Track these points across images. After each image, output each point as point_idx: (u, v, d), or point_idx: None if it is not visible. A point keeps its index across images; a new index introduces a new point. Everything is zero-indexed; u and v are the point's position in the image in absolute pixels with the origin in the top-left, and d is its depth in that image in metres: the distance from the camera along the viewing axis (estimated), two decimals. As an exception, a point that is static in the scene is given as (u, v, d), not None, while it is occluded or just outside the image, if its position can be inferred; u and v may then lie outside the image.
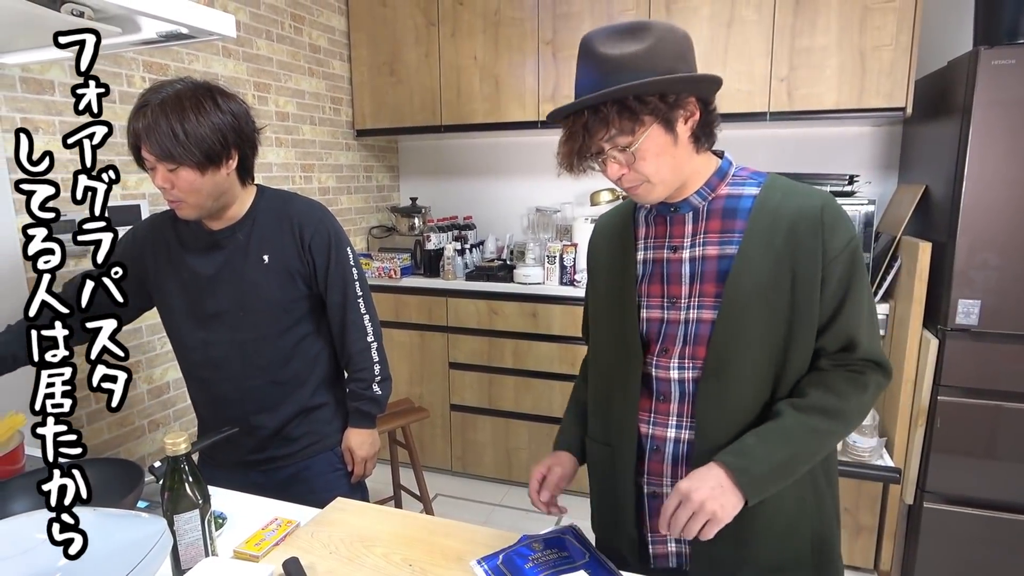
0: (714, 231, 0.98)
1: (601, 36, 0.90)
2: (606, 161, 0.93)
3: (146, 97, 1.20)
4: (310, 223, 1.37)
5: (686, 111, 0.91)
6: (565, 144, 0.93)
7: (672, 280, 1.00)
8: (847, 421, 0.95)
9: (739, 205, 0.97)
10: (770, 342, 0.94)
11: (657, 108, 0.88)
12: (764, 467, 0.90)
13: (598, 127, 0.89)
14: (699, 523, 0.88)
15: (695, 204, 1.00)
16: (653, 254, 1.04)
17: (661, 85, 0.87)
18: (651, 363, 1.02)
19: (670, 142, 0.91)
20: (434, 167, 3.57)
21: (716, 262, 0.97)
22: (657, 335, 1.01)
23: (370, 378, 1.44)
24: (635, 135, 0.89)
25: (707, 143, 0.97)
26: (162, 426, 2.18)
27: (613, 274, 1.08)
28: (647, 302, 1.03)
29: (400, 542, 1.08)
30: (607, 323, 1.09)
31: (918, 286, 2.10)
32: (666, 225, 1.02)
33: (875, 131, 2.75)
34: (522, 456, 2.98)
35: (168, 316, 1.42)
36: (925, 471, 2.14)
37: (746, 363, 0.95)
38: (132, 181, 2.01)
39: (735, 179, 1.00)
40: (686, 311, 0.99)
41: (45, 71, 1.75)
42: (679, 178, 0.96)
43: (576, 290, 2.75)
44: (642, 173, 0.92)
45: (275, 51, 2.64)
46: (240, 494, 1.25)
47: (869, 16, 2.33)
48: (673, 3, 2.58)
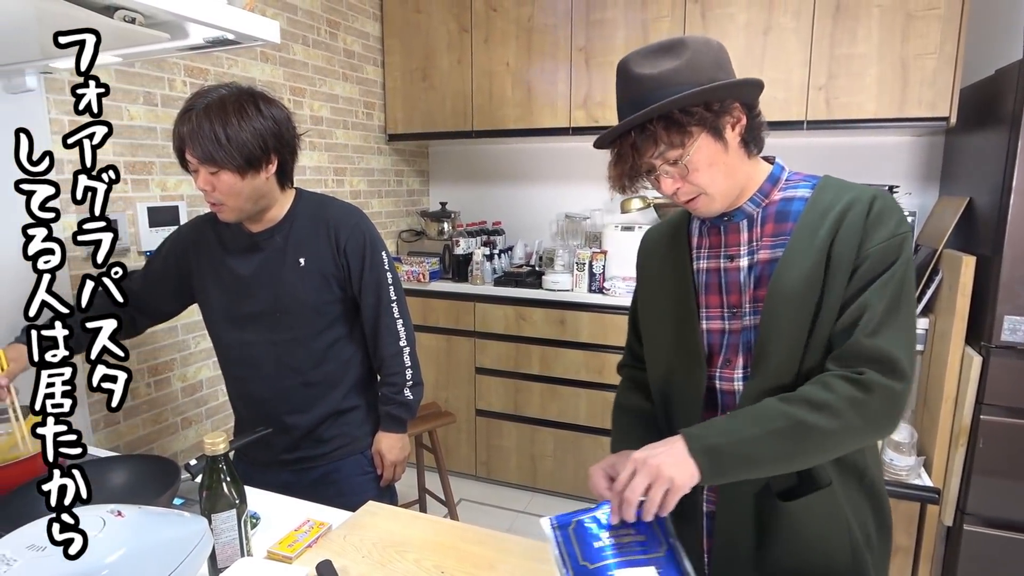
0: (768, 236, 0.96)
1: (637, 58, 0.91)
2: (659, 178, 0.93)
3: (192, 102, 1.23)
4: (346, 227, 1.38)
5: (732, 117, 0.91)
6: (615, 167, 0.93)
7: (731, 289, 0.99)
8: (838, 417, 0.84)
9: (791, 208, 0.96)
10: (799, 339, 0.91)
11: (703, 117, 0.87)
12: (721, 439, 0.85)
13: (647, 145, 0.89)
14: (659, 490, 0.83)
15: (749, 211, 0.98)
16: (709, 264, 1.02)
17: (704, 94, 0.87)
18: (715, 376, 0.99)
19: (720, 150, 0.91)
20: (464, 172, 3.58)
21: (769, 266, 0.95)
22: (720, 346, 0.99)
23: (402, 382, 1.45)
24: (685, 147, 0.89)
25: (756, 148, 0.97)
26: (195, 423, 2.21)
27: (668, 286, 1.06)
28: (706, 313, 1.01)
29: (432, 548, 1.07)
30: (664, 336, 1.06)
31: (961, 301, 2.04)
32: (720, 234, 1.01)
33: (916, 141, 2.69)
34: (547, 463, 2.96)
35: (208, 315, 1.45)
36: (966, 492, 2.07)
37: (778, 361, 0.92)
38: (171, 183, 2.05)
39: (788, 183, 0.99)
40: (744, 319, 0.97)
41: (92, 75, 1.80)
42: (735, 186, 0.95)
43: (605, 298, 2.74)
44: (697, 184, 0.92)
45: (311, 56, 2.68)
46: (272, 494, 1.26)
47: (912, 24, 2.28)
48: (708, 11, 2.56)
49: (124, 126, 1.89)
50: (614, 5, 2.71)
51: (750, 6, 2.49)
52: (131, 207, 1.93)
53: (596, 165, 3.26)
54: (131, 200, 1.93)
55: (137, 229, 1.94)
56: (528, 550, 1.06)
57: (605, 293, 2.77)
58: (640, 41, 2.68)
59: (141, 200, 1.96)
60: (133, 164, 1.93)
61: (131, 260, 1.92)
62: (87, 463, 1.22)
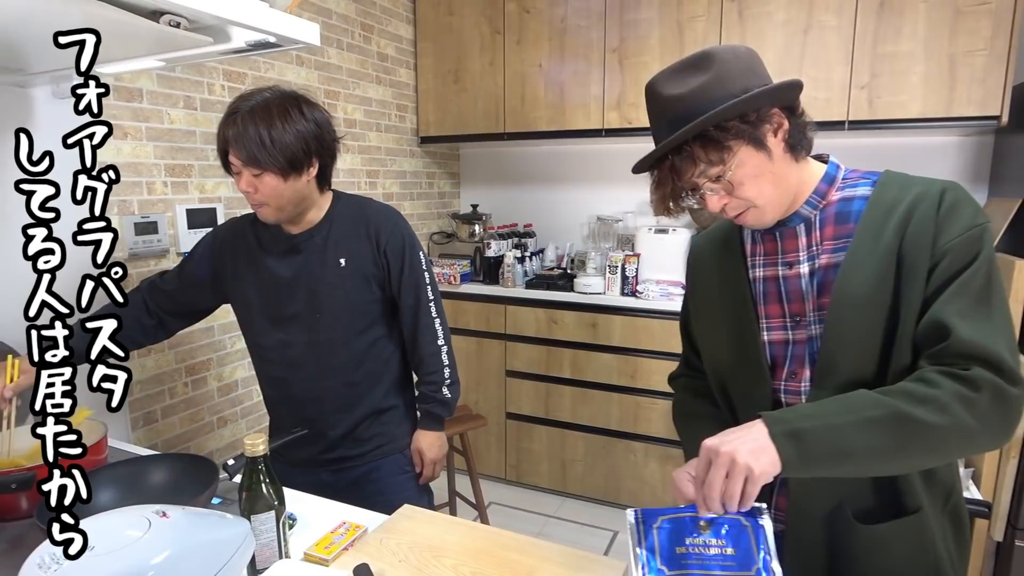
0: (829, 239, 0.92)
1: (664, 79, 0.88)
2: (704, 196, 0.89)
3: (236, 104, 1.25)
4: (386, 227, 1.38)
5: (772, 123, 0.86)
6: (656, 191, 0.90)
7: (792, 298, 0.94)
8: (945, 412, 0.75)
9: (851, 208, 0.91)
10: (871, 345, 0.85)
11: (740, 130, 0.84)
12: (808, 423, 0.77)
13: (686, 167, 0.86)
14: (738, 482, 0.75)
15: (805, 215, 0.93)
16: (766, 272, 0.97)
17: (737, 107, 0.83)
18: (780, 389, 0.95)
19: (764, 160, 0.87)
20: (495, 174, 3.58)
21: (832, 271, 0.90)
22: (784, 358, 0.94)
23: (440, 381, 1.45)
24: (726, 163, 0.85)
25: (804, 150, 0.92)
26: (230, 423, 2.24)
27: (724, 296, 1.02)
28: (767, 324, 0.96)
29: (469, 554, 1.06)
30: (724, 348, 1.02)
31: (1013, 307, 1.97)
32: (776, 240, 0.96)
33: (963, 141, 2.60)
34: (578, 468, 2.93)
35: (245, 317, 1.46)
36: (1017, 506, 1.99)
37: (848, 372, 0.86)
38: (209, 185, 2.08)
39: (846, 182, 0.94)
40: (809, 328, 0.92)
41: (135, 80, 1.83)
42: (786, 192, 0.91)
43: (638, 301, 2.70)
44: (744, 198, 0.88)
45: (345, 59, 2.70)
46: (308, 495, 1.26)
47: (961, 19, 2.21)
48: (746, 9, 2.51)
49: (164, 130, 1.93)
50: (648, 5, 2.67)
51: (789, 4, 2.43)
52: (170, 209, 1.96)
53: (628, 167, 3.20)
54: (170, 202, 1.96)
55: (176, 231, 1.97)
56: (567, 558, 1.04)
57: (638, 296, 2.73)
58: (675, 41, 2.64)
59: (180, 202, 1.99)
60: (173, 167, 1.96)
61: (170, 261, 1.96)
62: (129, 461, 1.24)
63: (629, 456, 2.80)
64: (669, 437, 2.71)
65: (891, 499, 0.89)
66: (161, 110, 1.92)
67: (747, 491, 0.76)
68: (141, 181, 1.87)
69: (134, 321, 1.44)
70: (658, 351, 2.67)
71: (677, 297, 2.66)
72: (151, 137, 1.89)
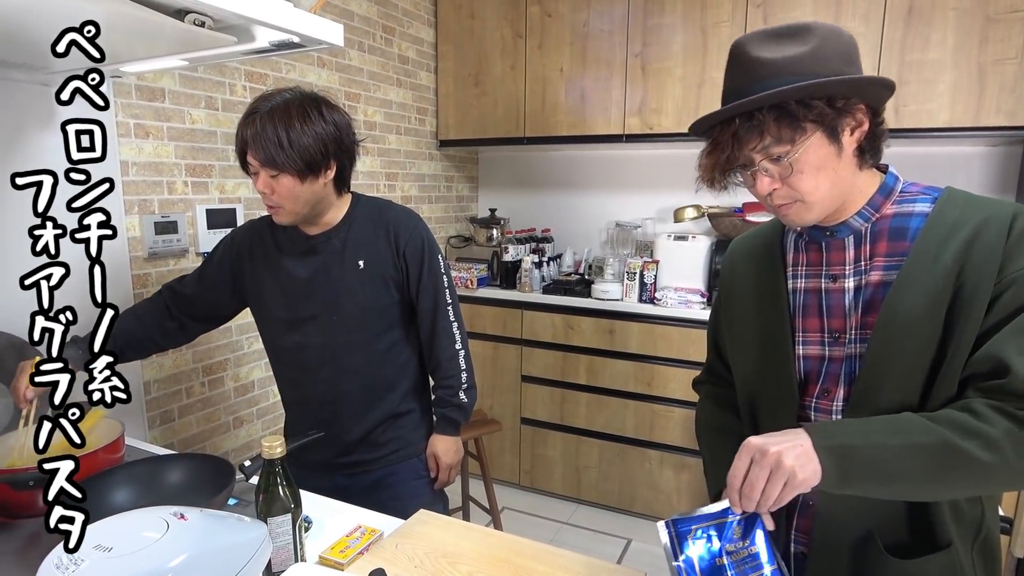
0: (880, 255, 0.86)
1: (756, 40, 0.82)
2: (756, 175, 0.83)
3: (256, 105, 1.24)
4: (405, 230, 1.38)
5: (854, 119, 0.81)
6: (708, 156, 0.85)
7: (833, 313, 0.89)
8: (995, 450, 0.72)
9: (909, 224, 0.85)
10: (916, 371, 0.81)
11: (823, 114, 0.77)
12: (855, 440, 0.75)
13: (750, 136, 0.80)
14: (777, 485, 0.73)
15: (856, 227, 0.88)
16: (807, 283, 0.93)
17: (831, 87, 0.77)
18: (810, 406, 0.91)
19: (833, 154, 0.81)
20: (513, 179, 3.57)
21: (882, 289, 0.85)
22: (818, 374, 0.91)
23: (457, 385, 1.44)
24: (794, 144, 0.79)
25: (872, 159, 0.86)
26: (246, 423, 2.24)
27: (760, 305, 0.98)
28: (803, 337, 0.92)
29: (485, 561, 1.05)
30: (752, 360, 0.98)
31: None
32: (821, 251, 0.92)
33: (990, 151, 2.55)
34: (592, 475, 2.91)
35: (263, 318, 1.45)
36: (1044, 525, 1.94)
37: (889, 396, 0.82)
38: (229, 186, 2.09)
39: (903, 196, 0.88)
40: (849, 346, 0.87)
41: (157, 79, 1.85)
42: (837, 197, 0.85)
43: (656, 308, 2.68)
44: (797, 189, 0.82)
45: (366, 62, 2.71)
46: (323, 498, 1.26)
47: (991, 27, 2.17)
48: (771, 15, 2.49)
49: (186, 130, 1.94)
50: (672, 11, 2.66)
51: (816, 10, 2.40)
52: (191, 209, 1.97)
53: (648, 173, 3.21)
54: (191, 202, 1.97)
55: (196, 230, 1.98)
56: (584, 567, 1.02)
57: (656, 303, 2.71)
58: (699, 47, 2.62)
59: (200, 202, 2.00)
60: (193, 167, 1.97)
61: (189, 261, 1.97)
62: (146, 460, 1.24)
63: (644, 464, 2.77)
64: (685, 446, 2.68)
65: (924, 532, 0.85)
66: (183, 110, 1.93)
67: (784, 495, 0.74)
68: (162, 181, 1.88)
69: (156, 325, 1.45)
70: (675, 359, 2.64)
71: (696, 305, 2.63)
72: (172, 137, 1.90)
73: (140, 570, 0.61)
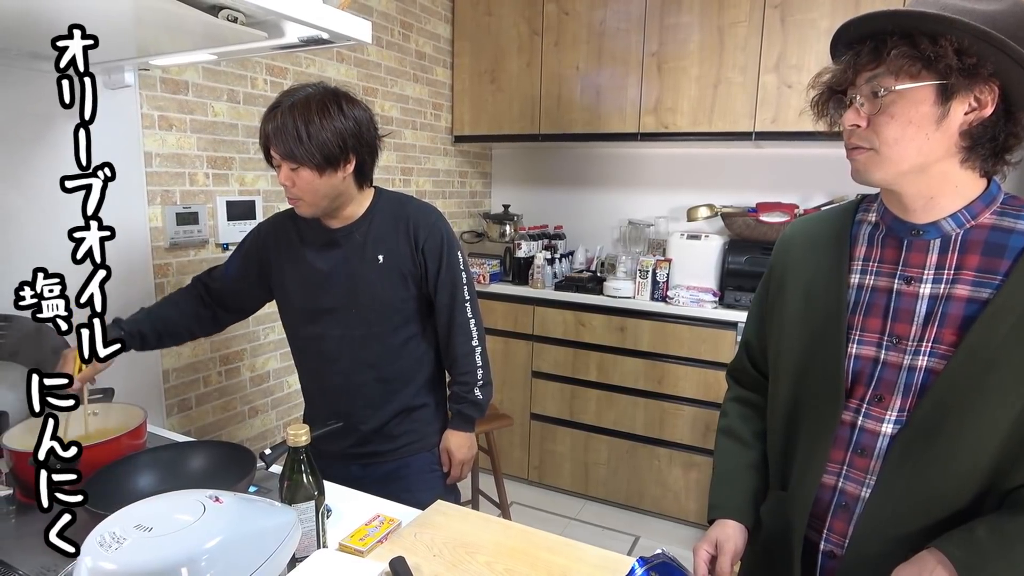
0: (970, 267, 0.79)
1: None
2: (850, 104, 0.78)
3: (279, 99, 1.27)
4: (425, 225, 1.40)
5: (980, 96, 0.73)
6: (827, 74, 0.82)
7: (900, 317, 0.84)
8: None
9: (1009, 242, 0.78)
10: (1008, 415, 0.74)
11: (948, 66, 0.70)
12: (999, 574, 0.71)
13: (868, 59, 0.75)
14: None
15: (946, 230, 0.81)
16: (875, 280, 0.87)
17: (981, 35, 0.69)
18: (857, 409, 0.87)
19: (932, 117, 0.74)
20: (527, 175, 3.58)
21: (964, 305, 0.79)
22: (869, 378, 0.86)
23: (473, 381, 1.46)
24: (898, 80, 0.73)
25: (983, 163, 0.78)
26: (261, 413, 2.27)
27: (815, 295, 0.92)
28: (860, 336, 0.87)
29: (503, 552, 1.06)
30: (799, 353, 0.93)
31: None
32: (900, 249, 0.85)
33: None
34: (600, 472, 2.92)
35: (285, 308, 1.48)
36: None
37: (971, 432, 0.76)
38: (249, 178, 2.11)
39: (1006, 207, 0.81)
40: (913, 356, 0.82)
41: (181, 72, 1.87)
42: (917, 172, 0.78)
43: (668, 307, 2.69)
44: (878, 134, 0.76)
45: (384, 57, 2.73)
46: (342, 487, 1.28)
47: None
48: (788, 16, 2.48)
49: (208, 122, 1.96)
50: (689, 10, 2.66)
51: (835, 11, 2.40)
52: (211, 200, 1.99)
53: (662, 172, 3.22)
54: (211, 194, 2.00)
55: (216, 222, 2.01)
56: (603, 560, 1.04)
57: (668, 302, 2.72)
58: (715, 47, 2.62)
59: (221, 194, 2.02)
60: (215, 159, 2.00)
61: (209, 251, 1.99)
62: (169, 447, 1.27)
63: (653, 462, 2.79)
64: (694, 444, 2.69)
65: None
66: (205, 103, 1.96)
67: None
68: (184, 172, 1.90)
69: (192, 314, 1.48)
70: (686, 357, 2.65)
71: (708, 304, 2.64)
72: (195, 129, 1.93)
73: (178, 550, 0.63)
